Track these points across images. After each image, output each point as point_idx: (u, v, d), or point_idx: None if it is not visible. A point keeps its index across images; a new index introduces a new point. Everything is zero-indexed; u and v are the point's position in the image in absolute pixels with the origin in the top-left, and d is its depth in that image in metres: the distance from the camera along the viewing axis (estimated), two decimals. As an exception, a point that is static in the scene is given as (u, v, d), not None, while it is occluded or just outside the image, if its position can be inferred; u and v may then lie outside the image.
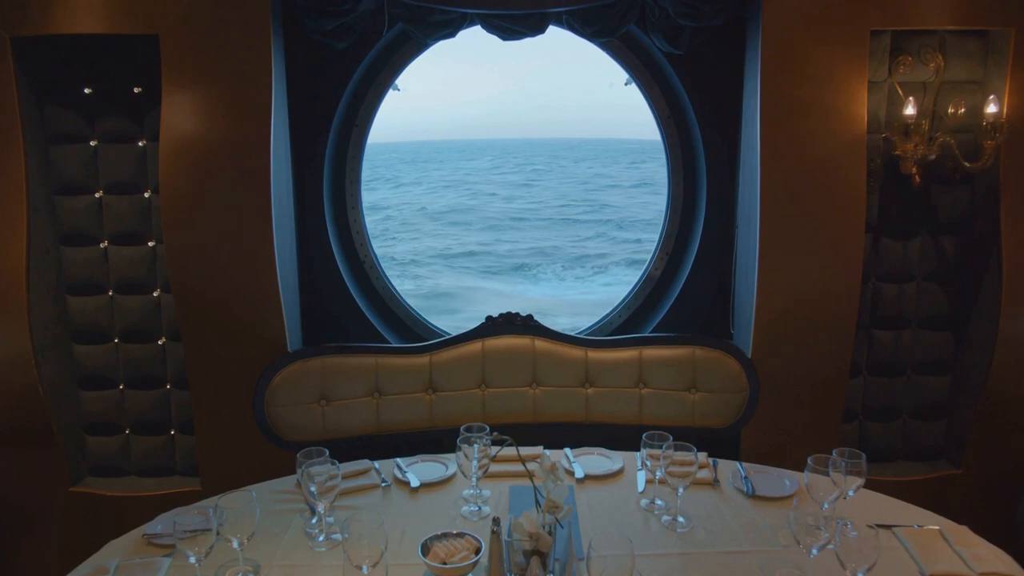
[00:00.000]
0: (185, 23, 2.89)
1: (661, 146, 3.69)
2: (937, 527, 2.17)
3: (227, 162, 3.01)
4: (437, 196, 29.92)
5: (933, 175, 3.19)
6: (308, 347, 3.29)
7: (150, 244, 3.22)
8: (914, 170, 3.09)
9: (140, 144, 3.15)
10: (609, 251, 19.95)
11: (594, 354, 3.28)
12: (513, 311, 3.35)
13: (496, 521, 1.87)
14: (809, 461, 2.10)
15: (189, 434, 3.32)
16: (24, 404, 3.06)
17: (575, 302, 14.76)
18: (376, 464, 2.61)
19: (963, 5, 2.97)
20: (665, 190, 3.76)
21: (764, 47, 2.99)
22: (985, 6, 2.97)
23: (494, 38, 3.26)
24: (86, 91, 3.10)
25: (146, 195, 3.19)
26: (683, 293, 3.65)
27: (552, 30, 3.30)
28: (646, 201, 26.96)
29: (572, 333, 3.44)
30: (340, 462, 2.18)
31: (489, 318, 3.36)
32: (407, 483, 2.48)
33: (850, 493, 2.10)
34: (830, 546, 1.82)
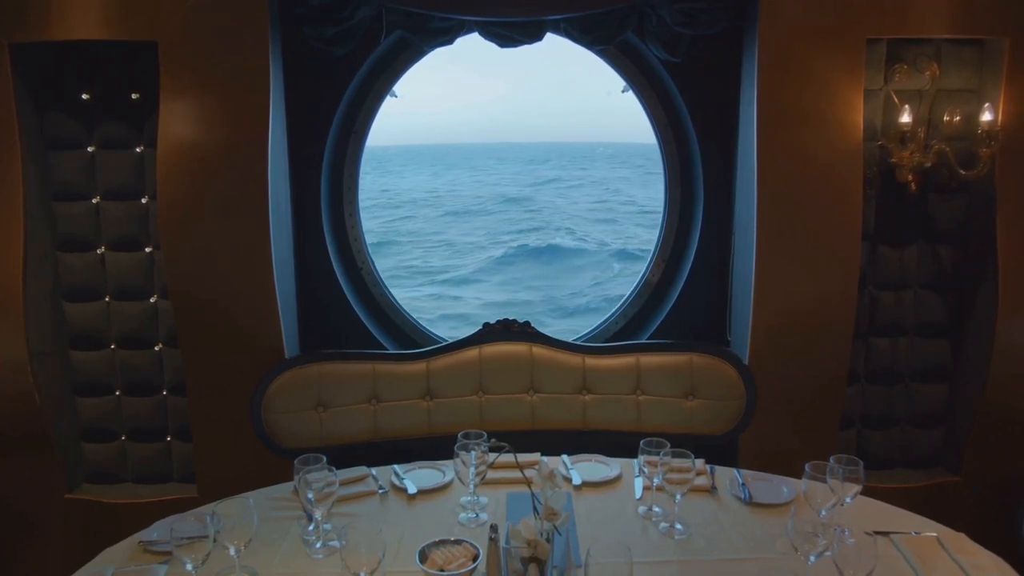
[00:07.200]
0: (184, 30, 2.90)
1: (601, 152, 3.70)
2: (935, 534, 2.17)
3: (225, 168, 3.02)
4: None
5: (929, 183, 3.21)
6: (305, 353, 3.29)
7: (147, 250, 3.22)
8: (910, 178, 3.10)
9: (138, 150, 3.15)
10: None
11: (591, 361, 3.28)
12: (510, 318, 3.35)
13: (494, 528, 1.87)
14: (807, 468, 2.10)
15: (186, 441, 3.31)
16: (20, 410, 3.05)
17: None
18: (373, 471, 2.60)
19: (958, 14, 2.99)
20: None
21: (761, 55, 3.01)
22: (980, 15, 2.99)
23: (492, 44, 3.27)
24: (84, 97, 3.10)
25: (144, 201, 3.19)
26: (680, 300, 3.65)
27: (550, 37, 3.32)
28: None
29: (569, 340, 3.44)
30: (337, 469, 2.18)
31: (486, 324, 3.35)
32: (404, 490, 2.47)
33: (848, 500, 2.10)
34: (828, 553, 1.82)
